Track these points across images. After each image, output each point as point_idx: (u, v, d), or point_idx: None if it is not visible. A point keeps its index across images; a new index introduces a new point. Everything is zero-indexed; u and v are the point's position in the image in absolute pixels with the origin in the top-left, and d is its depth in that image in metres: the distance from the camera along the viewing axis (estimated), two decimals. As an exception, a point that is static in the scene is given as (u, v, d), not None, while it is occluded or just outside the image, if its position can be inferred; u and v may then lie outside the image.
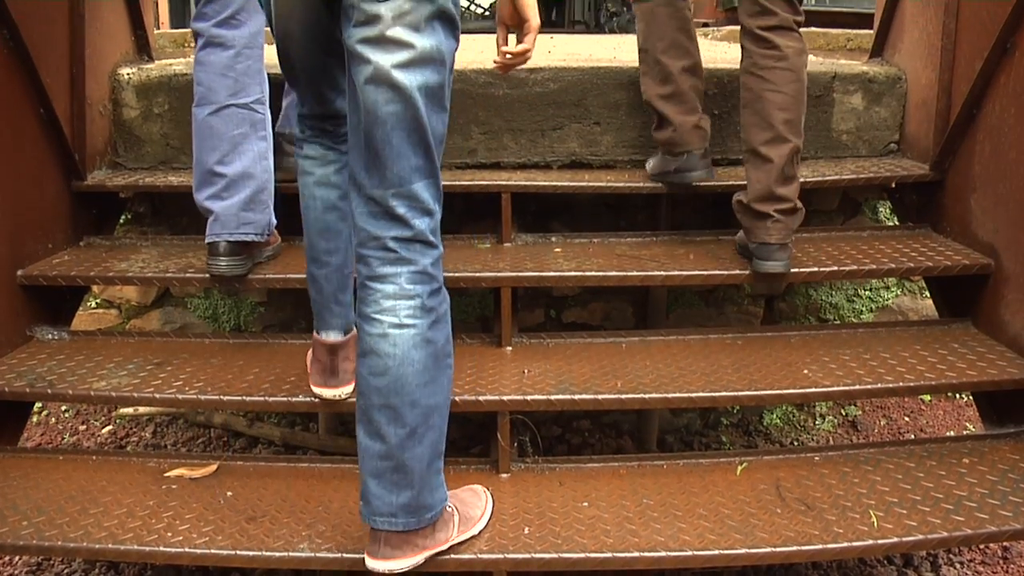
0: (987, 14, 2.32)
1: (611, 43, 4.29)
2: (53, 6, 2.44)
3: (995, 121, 2.32)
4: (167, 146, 2.81)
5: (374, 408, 1.64)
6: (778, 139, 2.27)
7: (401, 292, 1.62)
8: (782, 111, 2.28)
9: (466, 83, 2.69)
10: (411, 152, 1.58)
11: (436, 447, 1.70)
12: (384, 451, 1.65)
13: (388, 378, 1.62)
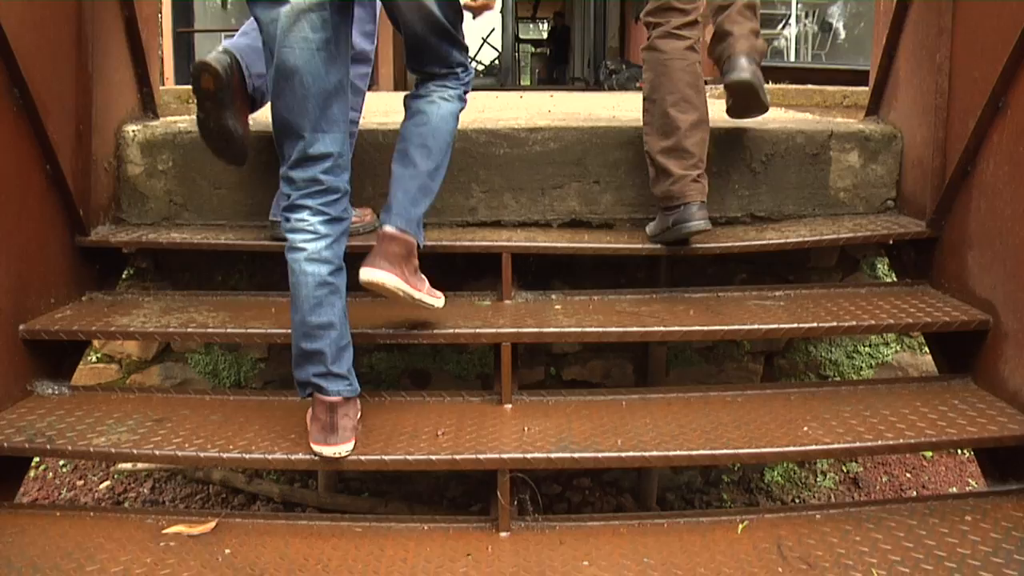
0: (978, 73, 2.36)
1: (611, 101, 4.35)
2: (62, 64, 2.48)
3: (989, 179, 2.34)
4: (170, 202, 2.83)
5: (414, 147, 2.21)
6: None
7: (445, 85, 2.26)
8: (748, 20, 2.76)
9: (467, 142, 2.72)
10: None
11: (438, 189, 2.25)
12: (416, 174, 2.20)
13: (430, 127, 2.22)
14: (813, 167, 2.81)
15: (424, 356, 3.10)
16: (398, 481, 3.11)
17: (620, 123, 2.83)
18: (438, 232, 2.67)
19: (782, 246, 2.62)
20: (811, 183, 2.82)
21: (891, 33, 2.85)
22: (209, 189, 2.82)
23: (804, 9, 8.54)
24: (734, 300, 2.56)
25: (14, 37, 2.18)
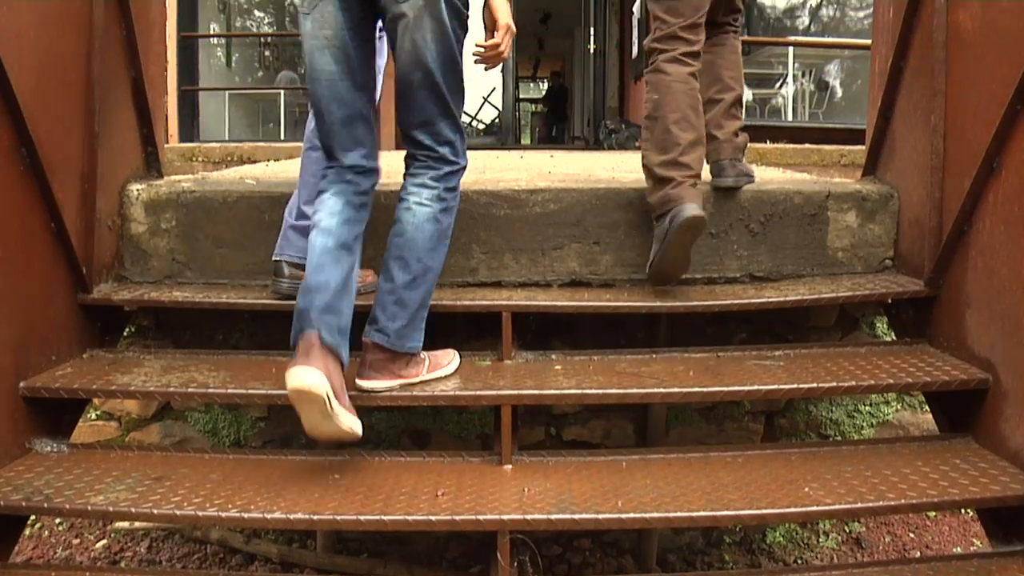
0: (972, 135, 2.39)
1: (610, 162, 4.39)
2: (70, 124, 2.53)
3: (986, 238, 2.35)
4: (173, 261, 2.85)
5: (391, 258, 2.27)
6: (726, 88, 2.95)
7: (424, 184, 2.29)
8: (727, 71, 2.97)
9: (468, 203, 2.75)
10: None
11: (426, 298, 2.31)
12: (391, 288, 2.26)
13: (405, 238, 2.27)
14: (811, 227, 2.84)
15: (424, 416, 3.10)
16: (397, 542, 3.09)
17: (619, 184, 2.86)
18: (439, 292, 2.67)
19: (781, 304, 2.63)
20: (809, 243, 2.84)
21: (886, 94, 2.90)
22: (211, 248, 2.84)
23: (801, 68, 8.65)
24: (734, 360, 2.56)
25: (24, 99, 2.21)
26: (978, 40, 2.41)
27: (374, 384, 2.31)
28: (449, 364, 2.46)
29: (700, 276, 2.81)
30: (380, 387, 2.32)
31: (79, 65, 2.56)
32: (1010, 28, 2.24)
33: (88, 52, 2.59)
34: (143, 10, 2.94)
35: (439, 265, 2.33)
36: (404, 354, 2.31)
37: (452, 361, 2.49)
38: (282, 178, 3.22)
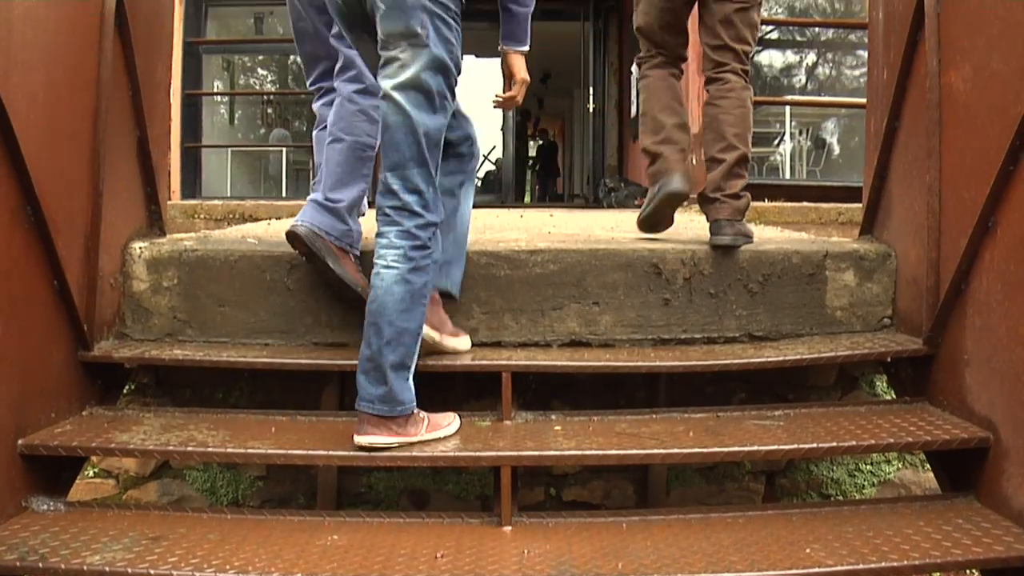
0: (968, 194, 2.41)
1: (610, 221, 4.43)
2: (75, 183, 2.55)
3: (983, 297, 2.36)
4: (174, 319, 2.86)
5: (367, 324, 2.30)
6: (729, 147, 3.06)
7: (390, 244, 2.31)
8: (731, 127, 3.08)
9: (469, 264, 2.77)
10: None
11: (404, 360, 2.31)
12: (369, 355, 2.29)
13: (376, 304, 2.29)
14: (810, 286, 2.85)
15: (423, 476, 3.09)
16: (396, 604, 3.06)
17: (618, 245, 2.89)
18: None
19: (780, 364, 2.64)
20: (808, 302, 2.85)
21: (882, 154, 2.93)
22: (213, 306, 2.85)
23: (798, 127, 8.74)
24: (733, 420, 2.56)
25: (31, 158, 2.24)
26: (971, 101, 2.45)
27: (372, 439, 2.31)
28: (449, 426, 2.46)
29: (699, 336, 2.82)
30: (379, 442, 2.31)
31: (85, 125, 2.59)
32: (1001, 90, 2.28)
33: (95, 112, 2.62)
34: (149, 71, 2.99)
35: (416, 326, 2.32)
36: (397, 417, 2.32)
37: (452, 423, 2.48)
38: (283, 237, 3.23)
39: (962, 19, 2.50)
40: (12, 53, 2.18)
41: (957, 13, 2.53)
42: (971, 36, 2.44)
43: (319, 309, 2.79)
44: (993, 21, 2.34)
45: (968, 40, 2.46)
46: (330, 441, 2.41)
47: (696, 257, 2.82)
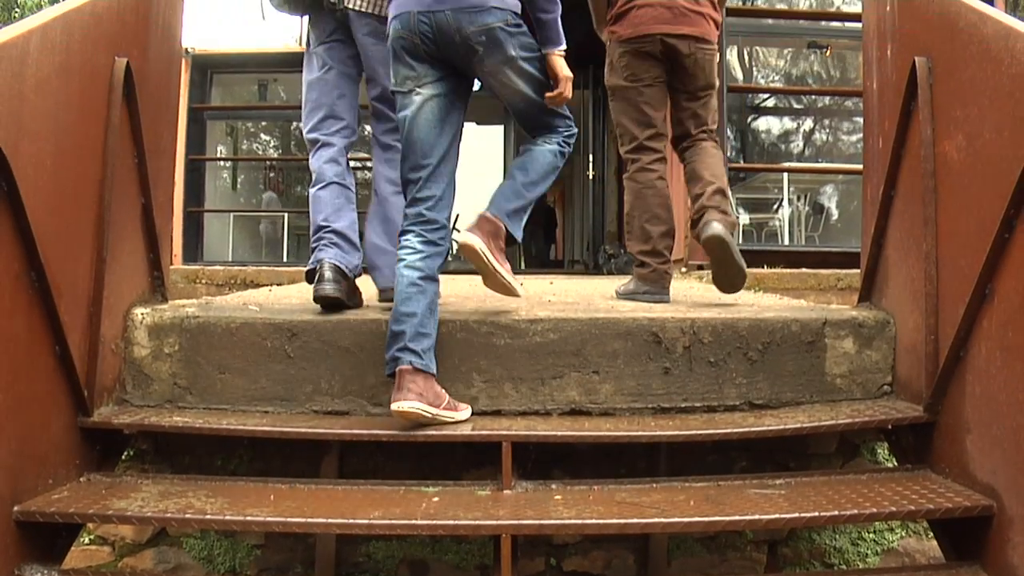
0: (964, 262, 2.43)
1: (609, 288, 4.43)
2: (79, 249, 2.58)
3: (982, 364, 2.37)
4: (175, 385, 2.86)
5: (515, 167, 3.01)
6: (707, 183, 3.62)
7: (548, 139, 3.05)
8: (707, 170, 3.67)
9: (468, 332, 2.78)
10: None
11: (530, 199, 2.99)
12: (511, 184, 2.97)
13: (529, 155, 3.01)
14: (809, 354, 2.86)
15: (423, 545, 3.06)
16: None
17: (618, 314, 2.90)
18: (439, 420, 2.69)
19: (781, 433, 2.63)
20: (808, 370, 2.86)
21: (879, 222, 2.96)
22: (213, 373, 2.85)
23: (796, 192, 8.80)
24: (734, 489, 2.54)
25: (37, 225, 2.26)
26: (965, 170, 2.48)
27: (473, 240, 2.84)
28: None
29: (700, 404, 2.82)
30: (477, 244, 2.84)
31: (91, 191, 2.62)
32: (994, 159, 2.31)
33: (101, 179, 2.66)
34: (155, 139, 3.04)
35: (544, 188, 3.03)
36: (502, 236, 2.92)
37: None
38: (284, 304, 3.25)
39: (954, 90, 2.55)
40: (23, 123, 2.22)
41: (949, 84, 2.57)
42: (963, 107, 2.49)
43: (319, 377, 2.80)
44: (983, 92, 2.38)
45: (960, 111, 2.50)
46: (329, 509, 2.39)
47: (696, 326, 2.83)
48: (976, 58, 2.43)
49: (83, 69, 2.56)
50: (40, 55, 2.30)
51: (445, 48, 2.85)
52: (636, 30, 3.74)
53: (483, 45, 2.84)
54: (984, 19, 2.42)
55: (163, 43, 3.15)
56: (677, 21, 3.71)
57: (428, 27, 2.83)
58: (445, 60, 2.89)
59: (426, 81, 2.88)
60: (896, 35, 2.91)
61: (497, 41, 2.86)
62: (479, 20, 2.83)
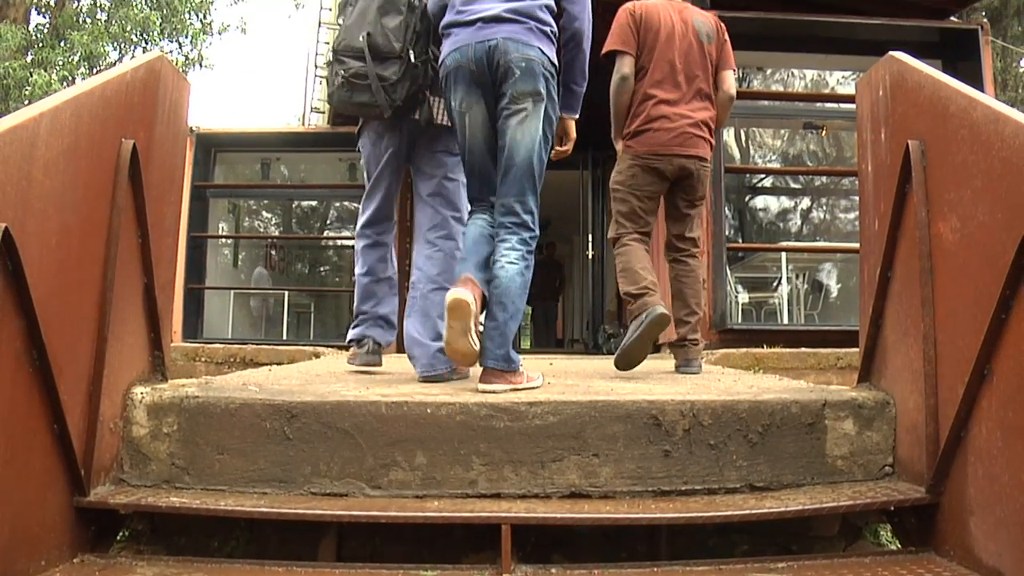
0: (963, 342, 2.44)
1: (609, 369, 4.44)
2: (80, 328, 2.58)
3: (983, 444, 2.36)
4: (172, 465, 2.84)
5: (494, 303, 3.29)
6: (692, 312, 4.44)
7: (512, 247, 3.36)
8: (692, 298, 4.46)
9: (468, 416, 2.77)
10: None
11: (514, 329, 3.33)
12: (495, 325, 3.28)
13: (501, 288, 3.28)
14: (809, 436, 2.85)
15: (421, 629, 3.01)
16: None
17: (618, 396, 2.89)
18: (438, 503, 2.67)
19: (782, 515, 2.61)
20: (808, 452, 2.84)
21: (876, 302, 2.98)
22: (211, 454, 2.84)
23: (795, 271, 8.85)
24: (736, 573, 2.51)
25: (40, 304, 2.27)
26: (960, 251, 2.51)
27: (493, 387, 3.17)
28: (537, 379, 3.40)
29: (700, 487, 2.80)
30: (497, 389, 3.14)
31: (94, 271, 2.65)
32: (988, 240, 2.34)
33: (104, 258, 2.68)
34: (159, 219, 3.07)
35: (523, 307, 3.36)
36: (509, 372, 3.25)
37: (539, 379, 3.41)
38: (284, 386, 3.25)
39: (948, 172, 2.59)
40: (30, 202, 2.26)
41: (942, 167, 2.62)
42: (957, 189, 2.52)
43: (318, 459, 2.78)
44: (976, 175, 2.42)
45: (954, 193, 2.54)
46: (326, 594, 2.36)
47: (695, 408, 2.82)
48: (967, 141, 2.48)
49: (91, 150, 2.60)
50: (50, 137, 2.35)
51: (492, 71, 3.40)
52: (652, 149, 4.38)
53: (521, 70, 3.35)
54: (973, 104, 2.48)
55: (170, 124, 3.21)
56: (687, 144, 4.38)
57: (483, 53, 3.38)
58: (488, 84, 3.43)
59: (475, 98, 3.46)
60: (889, 119, 2.97)
61: (533, 72, 3.37)
62: (524, 50, 3.38)
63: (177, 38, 20.78)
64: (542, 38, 3.43)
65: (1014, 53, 19.39)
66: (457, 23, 3.48)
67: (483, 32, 3.39)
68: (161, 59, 3.12)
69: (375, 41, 3.69)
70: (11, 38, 16.95)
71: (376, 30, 3.69)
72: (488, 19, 3.40)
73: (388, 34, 3.69)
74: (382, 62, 3.68)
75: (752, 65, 9.25)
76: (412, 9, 3.73)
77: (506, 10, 3.40)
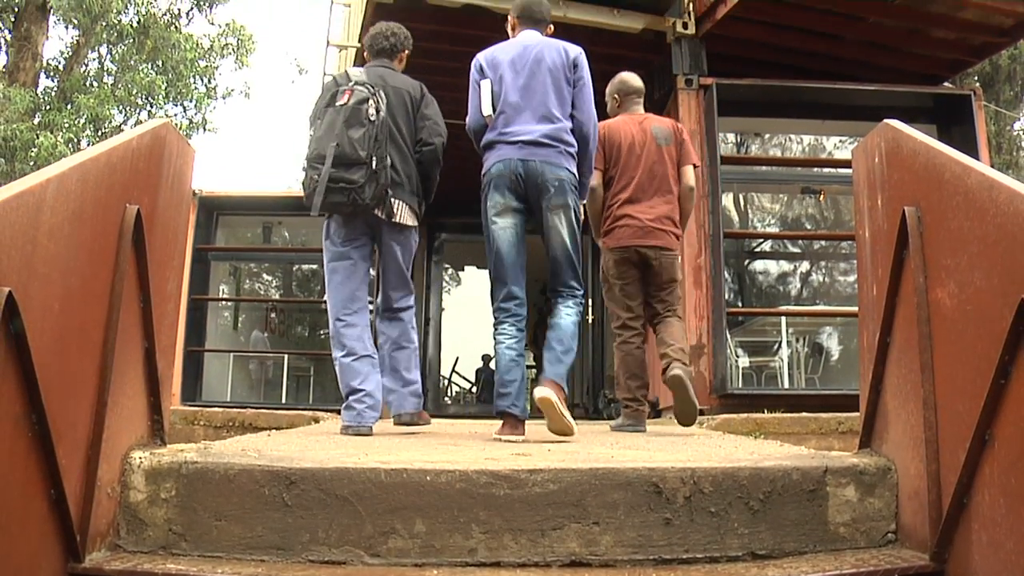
0: (963, 408, 2.43)
1: (609, 437, 4.44)
2: (81, 391, 2.58)
3: (987, 511, 2.34)
4: (169, 531, 2.81)
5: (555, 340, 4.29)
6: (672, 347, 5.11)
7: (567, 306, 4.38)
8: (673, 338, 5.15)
9: (467, 483, 2.75)
10: None
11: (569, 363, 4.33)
12: (555, 354, 4.27)
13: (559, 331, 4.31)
14: (811, 503, 2.82)
15: None
16: None
17: (618, 464, 2.87)
18: (437, 571, 2.64)
19: (785, 584, 2.58)
20: (810, 519, 2.82)
21: (876, 368, 2.98)
22: (209, 520, 2.81)
23: (795, 334, 8.86)
24: (740, 642, 2.49)
25: (41, 368, 2.27)
26: (958, 317, 2.52)
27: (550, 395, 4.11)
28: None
29: (701, 555, 2.76)
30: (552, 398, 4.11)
31: (96, 335, 2.65)
32: (986, 306, 2.35)
33: (106, 323, 2.69)
34: (161, 284, 3.09)
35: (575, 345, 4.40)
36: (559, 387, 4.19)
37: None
38: (283, 452, 3.24)
39: (944, 238, 2.61)
40: (34, 267, 2.27)
41: (939, 233, 2.64)
42: (953, 255, 2.54)
43: (316, 526, 2.76)
44: (972, 241, 2.44)
45: (951, 259, 2.56)
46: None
47: (696, 476, 2.80)
48: (963, 208, 2.50)
49: (95, 215, 2.63)
50: (56, 202, 2.37)
51: (529, 186, 4.34)
52: (618, 243, 5.35)
53: (555, 187, 4.32)
54: (968, 171, 2.51)
55: (173, 189, 3.24)
56: (647, 237, 5.28)
57: (523, 169, 4.31)
58: (525, 195, 4.36)
59: (511, 208, 4.35)
60: (885, 186, 3.00)
61: (564, 189, 4.35)
62: (557, 171, 4.33)
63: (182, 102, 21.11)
64: (569, 159, 4.39)
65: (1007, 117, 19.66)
66: (500, 141, 4.39)
67: (523, 152, 4.31)
68: (166, 126, 3.17)
69: (343, 151, 4.34)
70: (20, 101, 17.20)
71: (343, 141, 4.35)
72: (528, 142, 4.32)
73: (354, 144, 4.34)
74: (348, 168, 4.33)
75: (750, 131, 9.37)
76: (372, 122, 4.41)
77: (542, 135, 4.33)
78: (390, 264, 4.73)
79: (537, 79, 4.40)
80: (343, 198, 4.35)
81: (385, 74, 4.78)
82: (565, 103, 4.42)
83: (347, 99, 4.47)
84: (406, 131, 4.68)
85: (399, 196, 4.60)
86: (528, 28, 4.65)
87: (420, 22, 7.91)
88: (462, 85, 4.47)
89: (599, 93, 4.75)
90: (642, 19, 8.04)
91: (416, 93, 4.78)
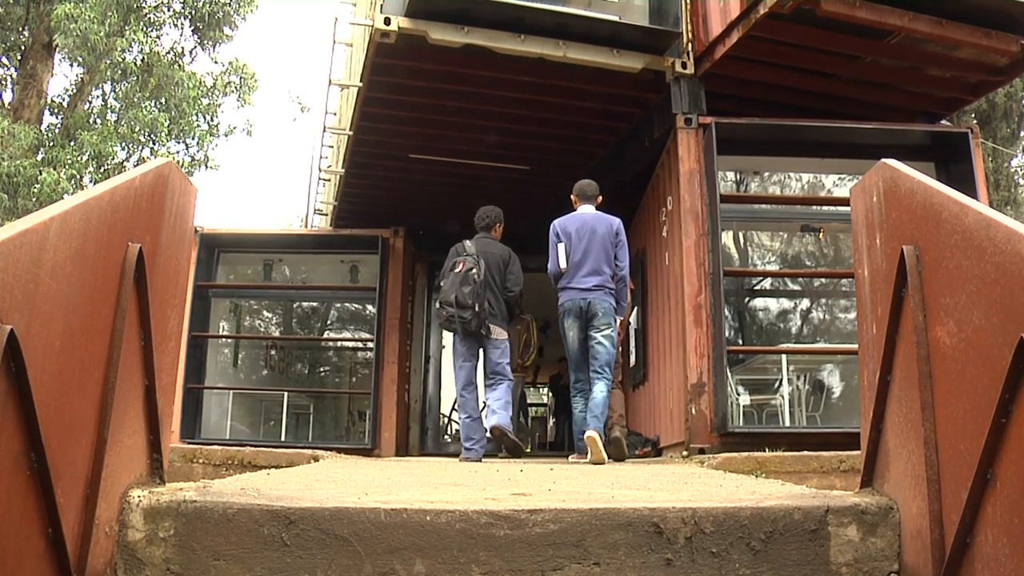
0: (964, 446, 2.42)
1: (610, 476, 4.42)
2: (80, 429, 2.57)
3: (990, 551, 2.32)
4: (167, 570, 2.79)
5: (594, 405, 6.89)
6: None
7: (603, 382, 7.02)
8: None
9: (467, 523, 2.73)
10: None
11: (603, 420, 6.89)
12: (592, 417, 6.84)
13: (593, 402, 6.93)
14: (813, 543, 2.80)
15: None
16: None
17: (619, 504, 2.86)
18: (438, 612, 2.62)
19: (789, 626, 2.56)
20: (812, 559, 2.79)
21: (876, 407, 2.97)
22: (208, 560, 2.80)
23: (796, 372, 8.84)
24: None
25: (41, 406, 2.26)
26: (958, 355, 2.51)
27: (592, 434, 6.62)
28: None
29: (704, 596, 2.76)
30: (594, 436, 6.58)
31: (96, 373, 2.65)
32: (985, 344, 2.35)
33: (107, 361, 2.69)
34: (162, 323, 3.09)
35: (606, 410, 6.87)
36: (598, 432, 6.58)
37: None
38: (283, 491, 3.23)
39: (943, 277, 2.61)
40: (36, 305, 2.27)
41: (937, 271, 2.64)
42: (952, 293, 2.54)
43: (315, 566, 2.74)
44: (970, 279, 2.44)
45: (950, 297, 2.56)
46: None
47: (697, 515, 2.79)
48: (961, 247, 2.51)
49: (97, 254, 2.63)
50: (59, 241, 2.38)
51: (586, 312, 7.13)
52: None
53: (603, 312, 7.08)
54: (965, 210, 2.52)
55: (175, 228, 3.26)
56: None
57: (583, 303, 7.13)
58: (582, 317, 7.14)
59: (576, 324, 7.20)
60: (884, 225, 3.02)
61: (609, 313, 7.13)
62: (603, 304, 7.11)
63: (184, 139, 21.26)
64: (610, 295, 7.15)
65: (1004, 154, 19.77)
66: (570, 287, 7.19)
67: (583, 294, 7.12)
68: (169, 165, 3.19)
69: (460, 300, 7.22)
70: (24, 137, 17.33)
71: (460, 294, 7.22)
72: (586, 289, 7.11)
73: (465, 296, 7.20)
74: (463, 309, 7.21)
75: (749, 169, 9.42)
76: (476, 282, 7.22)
77: (595, 285, 7.10)
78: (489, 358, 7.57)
79: (592, 244, 7.13)
80: (461, 326, 7.30)
81: (486, 244, 7.58)
82: (610, 260, 7.16)
83: (461, 268, 7.30)
84: (499, 280, 7.46)
85: (493, 322, 7.40)
86: (584, 203, 7.42)
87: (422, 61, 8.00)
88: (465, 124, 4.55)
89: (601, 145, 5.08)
90: (641, 59, 8.08)
91: (506, 256, 7.59)
